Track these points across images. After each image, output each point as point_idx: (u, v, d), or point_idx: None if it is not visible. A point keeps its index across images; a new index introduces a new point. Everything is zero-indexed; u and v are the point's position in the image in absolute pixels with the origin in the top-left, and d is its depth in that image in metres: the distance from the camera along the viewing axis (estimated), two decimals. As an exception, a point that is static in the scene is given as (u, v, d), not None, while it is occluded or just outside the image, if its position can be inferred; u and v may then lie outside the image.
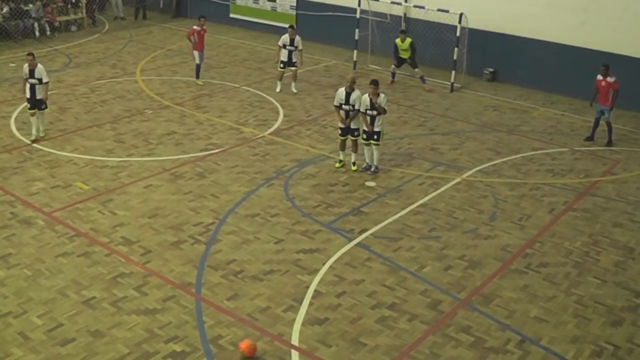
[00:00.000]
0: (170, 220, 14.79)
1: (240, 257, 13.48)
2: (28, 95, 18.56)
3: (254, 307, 11.98)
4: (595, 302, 12.54)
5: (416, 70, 24.89)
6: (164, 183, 16.48)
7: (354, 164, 17.61)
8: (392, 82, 25.24)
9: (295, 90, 23.54)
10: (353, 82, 17.18)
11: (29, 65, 18.39)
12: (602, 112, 19.81)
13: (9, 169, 16.86)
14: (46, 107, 18.92)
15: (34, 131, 18.66)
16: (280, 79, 23.55)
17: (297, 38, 23.16)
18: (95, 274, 12.72)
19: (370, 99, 16.91)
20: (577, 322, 11.96)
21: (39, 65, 18.45)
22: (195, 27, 23.78)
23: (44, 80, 18.47)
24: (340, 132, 17.56)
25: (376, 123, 17.04)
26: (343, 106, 17.18)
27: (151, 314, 11.69)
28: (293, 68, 23.41)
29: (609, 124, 19.95)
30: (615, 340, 11.54)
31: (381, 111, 16.95)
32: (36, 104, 18.58)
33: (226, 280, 12.70)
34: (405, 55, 24.67)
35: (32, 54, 18.66)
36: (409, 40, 24.53)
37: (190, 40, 23.96)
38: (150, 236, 14.13)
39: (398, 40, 24.70)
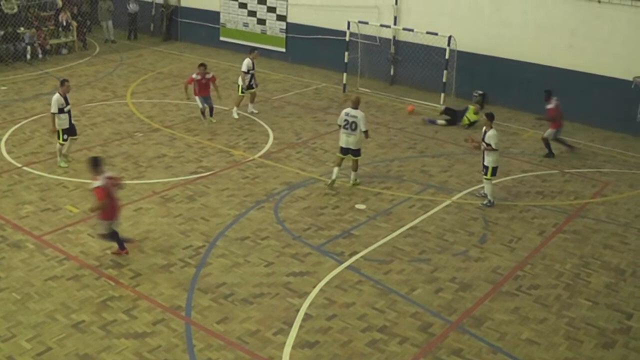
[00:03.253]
0: (160, 243, 14.74)
1: (230, 280, 13.44)
2: (66, 125, 18.19)
3: (244, 330, 11.93)
4: (586, 324, 12.53)
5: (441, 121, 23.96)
6: (154, 206, 16.44)
7: (355, 179, 17.97)
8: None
9: (255, 111, 23.75)
10: (357, 102, 17.53)
11: (63, 92, 18.05)
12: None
13: (-2, 192, 16.83)
14: None
15: (61, 161, 18.45)
16: (239, 105, 23.52)
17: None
18: (84, 298, 12.66)
19: (484, 132, 17.10)
20: (568, 344, 11.94)
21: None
22: (193, 75, 22.05)
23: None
24: (340, 150, 17.68)
25: (486, 158, 17.07)
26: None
27: (141, 337, 11.63)
28: (251, 90, 23.56)
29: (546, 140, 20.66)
30: (606, 362, 11.54)
31: (489, 147, 17.02)
32: (72, 131, 18.53)
33: (216, 303, 12.65)
34: (466, 121, 23.67)
35: (68, 80, 18.62)
36: (477, 116, 23.64)
37: (186, 91, 22.30)
38: (140, 259, 14.07)
39: (472, 108, 23.83)
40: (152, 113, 23.40)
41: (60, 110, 17.97)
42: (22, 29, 30.28)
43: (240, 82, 23.15)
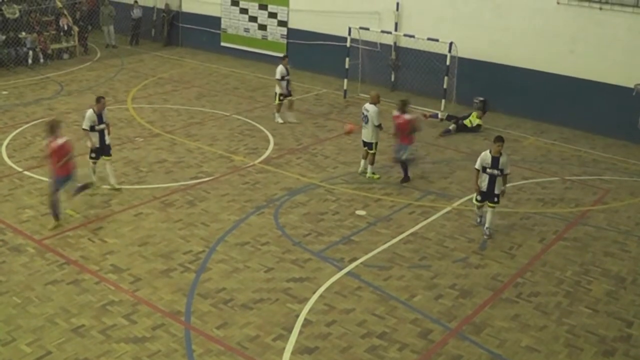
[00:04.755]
0: (160, 248, 14.74)
1: (230, 285, 13.43)
2: (97, 144, 16.97)
3: (244, 335, 11.92)
4: (586, 331, 12.51)
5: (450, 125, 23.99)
6: (154, 211, 16.44)
7: (373, 173, 18.95)
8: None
9: (295, 120, 23.69)
10: (374, 97, 18.83)
11: (98, 110, 16.87)
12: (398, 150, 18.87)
13: (-1, 197, 16.84)
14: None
15: (94, 178, 17.33)
16: (279, 111, 23.55)
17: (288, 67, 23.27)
18: (84, 302, 12.65)
19: (493, 157, 15.47)
20: (568, 352, 11.92)
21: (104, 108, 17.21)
22: None
23: (107, 122, 17.26)
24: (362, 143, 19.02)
25: (497, 185, 15.73)
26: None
27: (140, 342, 11.62)
28: (290, 97, 23.53)
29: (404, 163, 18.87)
30: (606, 369, 11.53)
31: (504, 172, 15.67)
32: (105, 151, 17.23)
33: (216, 308, 12.64)
34: (468, 123, 23.84)
35: (104, 97, 17.45)
36: (480, 120, 23.97)
37: None
38: (140, 264, 14.07)
39: (475, 114, 23.97)
40: (152, 118, 23.41)
41: (92, 128, 16.95)
42: (23, 33, 30.37)
43: (277, 90, 23.22)
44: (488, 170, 15.53)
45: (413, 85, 26.97)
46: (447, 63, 24.40)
